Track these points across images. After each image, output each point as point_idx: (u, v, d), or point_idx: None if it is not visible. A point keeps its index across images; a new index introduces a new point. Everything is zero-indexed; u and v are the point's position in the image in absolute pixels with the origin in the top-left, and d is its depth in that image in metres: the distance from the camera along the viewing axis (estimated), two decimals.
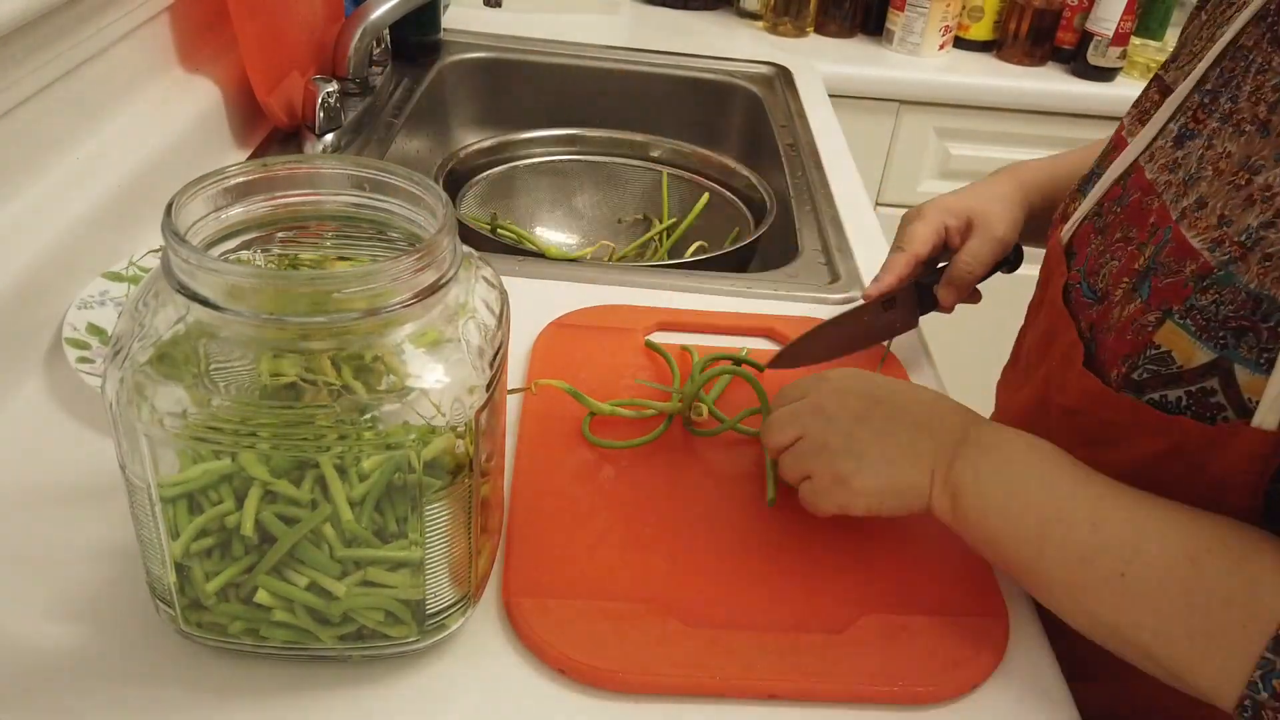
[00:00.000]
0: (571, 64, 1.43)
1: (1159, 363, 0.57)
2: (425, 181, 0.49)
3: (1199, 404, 0.55)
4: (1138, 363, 0.58)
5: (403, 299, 0.44)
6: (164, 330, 0.44)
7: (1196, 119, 0.61)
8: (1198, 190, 0.58)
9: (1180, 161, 0.61)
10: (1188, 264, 0.56)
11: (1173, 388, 0.56)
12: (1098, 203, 0.68)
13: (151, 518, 0.47)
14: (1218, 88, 0.61)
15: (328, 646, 0.50)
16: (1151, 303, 0.58)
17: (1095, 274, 0.65)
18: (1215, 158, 0.58)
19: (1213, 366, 0.54)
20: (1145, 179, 0.63)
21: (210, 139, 0.97)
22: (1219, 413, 0.54)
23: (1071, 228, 0.70)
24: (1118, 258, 0.63)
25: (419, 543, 0.48)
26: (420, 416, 0.45)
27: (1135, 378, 0.58)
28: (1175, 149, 0.62)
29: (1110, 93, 1.65)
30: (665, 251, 1.18)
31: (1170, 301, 0.57)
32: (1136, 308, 0.59)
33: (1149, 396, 0.57)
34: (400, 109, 1.23)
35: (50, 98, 0.75)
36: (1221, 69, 0.61)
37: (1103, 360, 0.61)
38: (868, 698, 0.54)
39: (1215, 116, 0.60)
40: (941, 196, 0.83)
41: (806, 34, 1.70)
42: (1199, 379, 0.55)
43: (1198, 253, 0.56)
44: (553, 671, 0.54)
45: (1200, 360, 0.55)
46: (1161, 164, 0.63)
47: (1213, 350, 0.54)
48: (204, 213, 0.47)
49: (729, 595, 0.59)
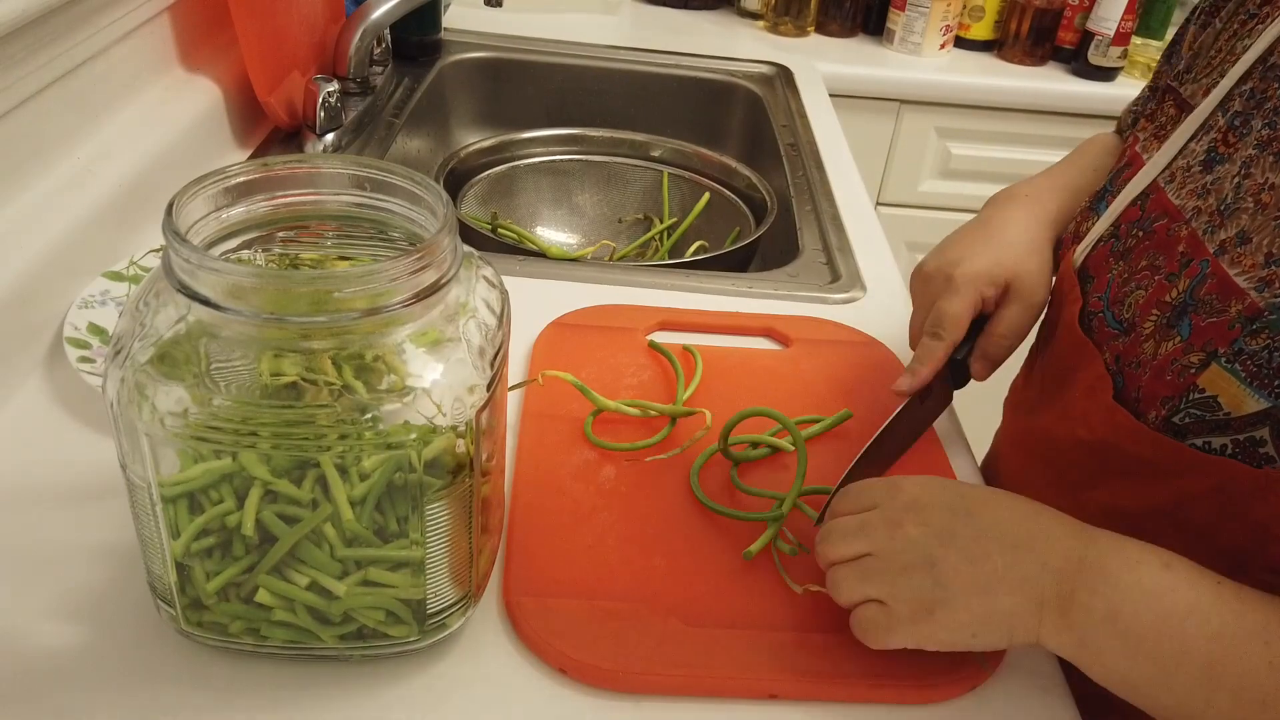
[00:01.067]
0: (572, 64, 1.43)
1: (1203, 408, 0.53)
2: (426, 181, 0.49)
3: (1245, 453, 0.52)
4: (1179, 406, 0.54)
5: (403, 298, 0.44)
6: (165, 330, 0.44)
7: (1227, 142, 0.58)
8: (1238, 223, 0.55)
9: (1210, 188, 0.58)
10: (1233, 304, 0.53)
11: (1218, 435, 0.53)
12: (1114, 224, 0.64)
13: (152, 517, 0.47)
14: (1248, 109, 0.58)
15: (328, 646, 0.50)
16: (1194, 343, 0.55)
17: (1119, 303, 0.61)
18: (1256, 189, 0.55)
19: (1264, 416, 0.51)
20: (1170, 203, 0.60)
21: (210, 139, 0.97)
22: (1266, 463, 0.52)
23: (1086, 250, 0.66)
24: (1144, 286, 0.60)
25: (420, 542, 0.48)
26: (421, 416, 0.45)
27: (1177, 421, 0.55)
28: (1204, 173, 0.59)
29: (1111, 93, 1.65)
30: (666, 251, 1.18)
31: (1215, 343, 0.53)
32: (1175, 347, 0.56)
33: (1191, 442, 0.54)
34: (401, 109, 1.23)
35: (50, 98, 0.75)
36: (1251, 89, 0.58)
37: (1135, 397, 0.58)
38: (868, 698, 0.54)
39: (1250, 143, 0.56)
40: (972, 253, 0.71)
41: (807, 34, 1.70)
42: (1248, 428, 0.52)
43: (1244, 292, 0.53)
44: (553, 671, 0.54)
45: (1251, 408, 0.51)
46: (1189, 189, 0.59)
47: (1265, 399, 0.51)
48: (205, 212, 0.47)
49: (729, 595, 0.59)
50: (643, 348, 0.80)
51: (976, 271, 0.70)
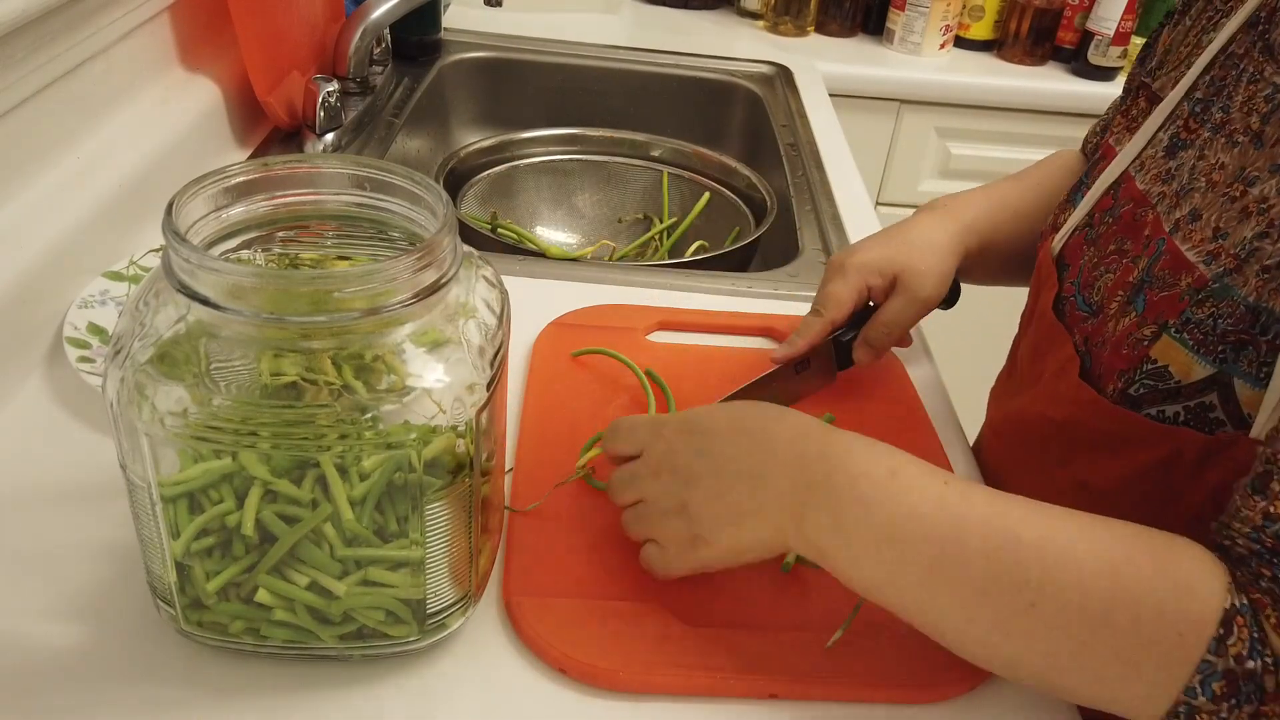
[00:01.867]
0: (571, 64, 1.43)
1: (1156, 378, 0.56)
2: (425, 181, 0.49)
3: (1197, 419, 0.54)
4: (1134, 377, 0.57)
5: (403, 298, 0.44)
6: (164, 330, 0.44)
7: (1188, 128, 0.61)
8: (1191, 202, 0.58)
9: (1173, 172, 0.60)
10: (1183, 277, 0.56)
11: (1170, 403, 0.55)
12: (1089, 213, 0.67)
13: (152, 517, 0.47)
14: (1209, 97, 0.60)
15: (328, 646, 0.50)
16: (1147, 316, 0.57)
17: (1090, 287, 0.64)
18: (1208, 169, 0.58)
19: (1211, 381, 0.53)
20: (1137, 189, 0.63)
21: (210, 139, 0.97)
22: (1217, 427, 0.54)
23: (1062, 238, 0.69)
24: (1112, 270, 0.62)
25: (419, 542, 0.48)
26: (421, 416, 0.45)
27: (1132, 393, 0.57)
28: (1167, 159, 0.62)
29: (1111, 92, 1.62)
30: (665, 251, 1.18)
31: (1166, 315, 0.56)
32: (1131, 321, 0.58)
33: (1146, 411, 0.56)
34: (400, 108, 1.23)
35: (50, 98, 0.75)
36: (1212, 77, 0.61)
37: (1098, 374, 0.60)
38: (868, 698, 0.54)
39: (1207, 127, 0.59)
40: (870, 247, 0.77)
41: (807, 33, 1.70)
42: (1197, 394, 0.54)
43: (1193, 265, 0.55)
44: (553, 671, 0.54)
45: (1199, 375, 0.54)
46: (1154, 174, 0.62)
47: (1211, 365, 0.53)
48: (204, 212, 0.47)
49: (729, 595, 0.59)
50: (643, 348, 0.80)
51: (865, 261, 0.76)
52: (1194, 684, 0.44)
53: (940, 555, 0.48)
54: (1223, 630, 0.44)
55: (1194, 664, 0.44)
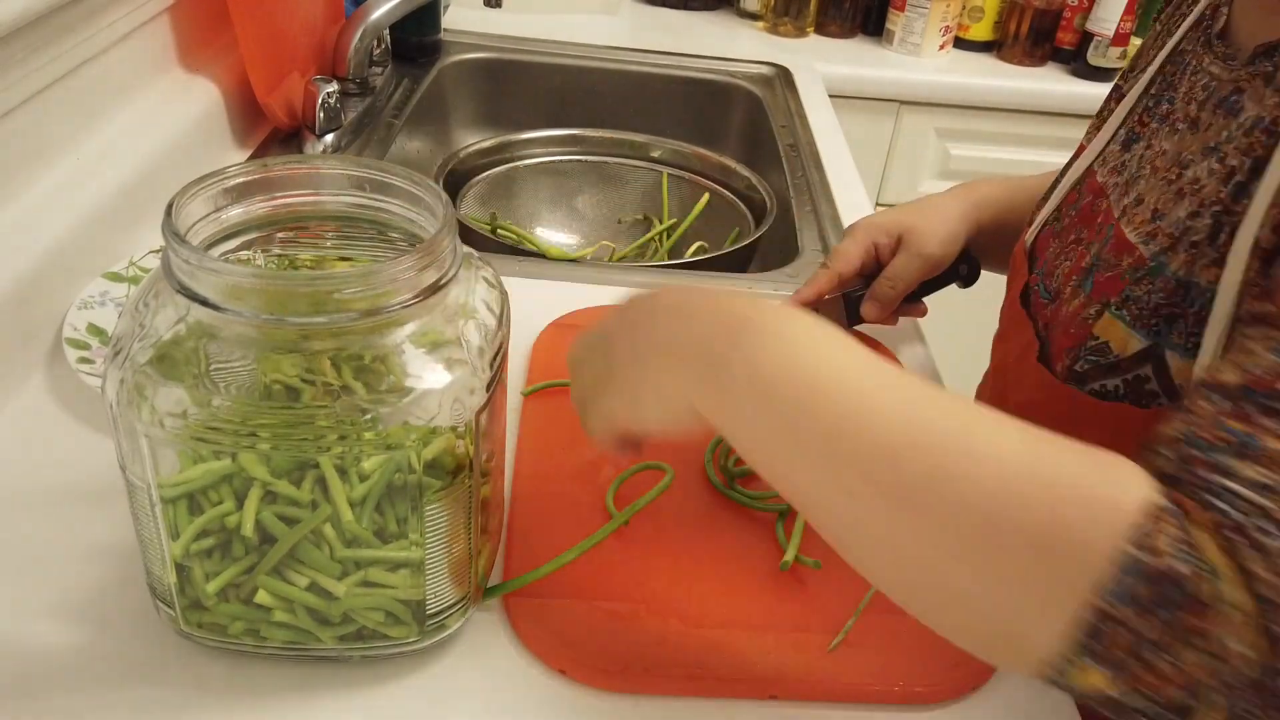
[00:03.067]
0: (571, 64, 1.43)
1: (1098, 353, 0.59)
2: (425, 181, 0.49)
3: (1135, 392, 0.58)
4: (1079, 354, 0.60)
5: (403, 299, 0.44)
6: (164, 330, 0.44)
7: (1141, 122, 0.65)
8: (1136, 189, 0.61)
9: (1126, 164, 0.64)
10: (1124, 258, 0.59)
11: (1111, 377, 0.59)
12: (1056, 207, 0.71)
13: (151, 518, 0.47)
14: (1160, 92, 0.64)
15: (328, 647, 0.50)
16: (1093, 296, 0.61)
17: (1050, 275, 0.68)
18: (1153, 156, 0.61)
19: (1146, 354, 0.57)
20: (1096, 182, 0.67)
21: (210, 139, 0.97)
22: (1153, 399, 0.57)
23: (1034, 232, 0.72)
24: (1070, 258, 0.66)
25: (419, 543, 0.48)
26: (420, 417, 0.45)
27: (1077, 369, 0.61)
28: (1123, 152, 0.65)
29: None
30: (665, 252, 1.18)
31: (1109, 294, 0.60)
32: (1080, 303, 0.62)
33: (1090, 387, 0.60)
34: (400, 109, 1.23)
35: (50, 98, 0.75)
36: (1164, 74, 0.64)
37: (1051, 355, 0.64)
38: (868, 698, 0.54)
39: (1155, 118, 0.63)
40: (883, 211, 0.83)
41: (806, 34, 1.70)
42: (1134, 367, 0.57)
43: (1134, 247, 0.59)
44: (553, 671, 0.54)
45: (1135, 348, 0.57)
46: (1111, 167, 0.66)
47: (1146, 338, 0.57)
48: (204, 213, 0.47)
49: (729, 595, 0.59)
50: None
51: (874, 221, 0.82)
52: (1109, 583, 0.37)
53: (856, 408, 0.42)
54: (1146, 520, 0.37)
55: (1110, 555, 0.37)
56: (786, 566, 0.60)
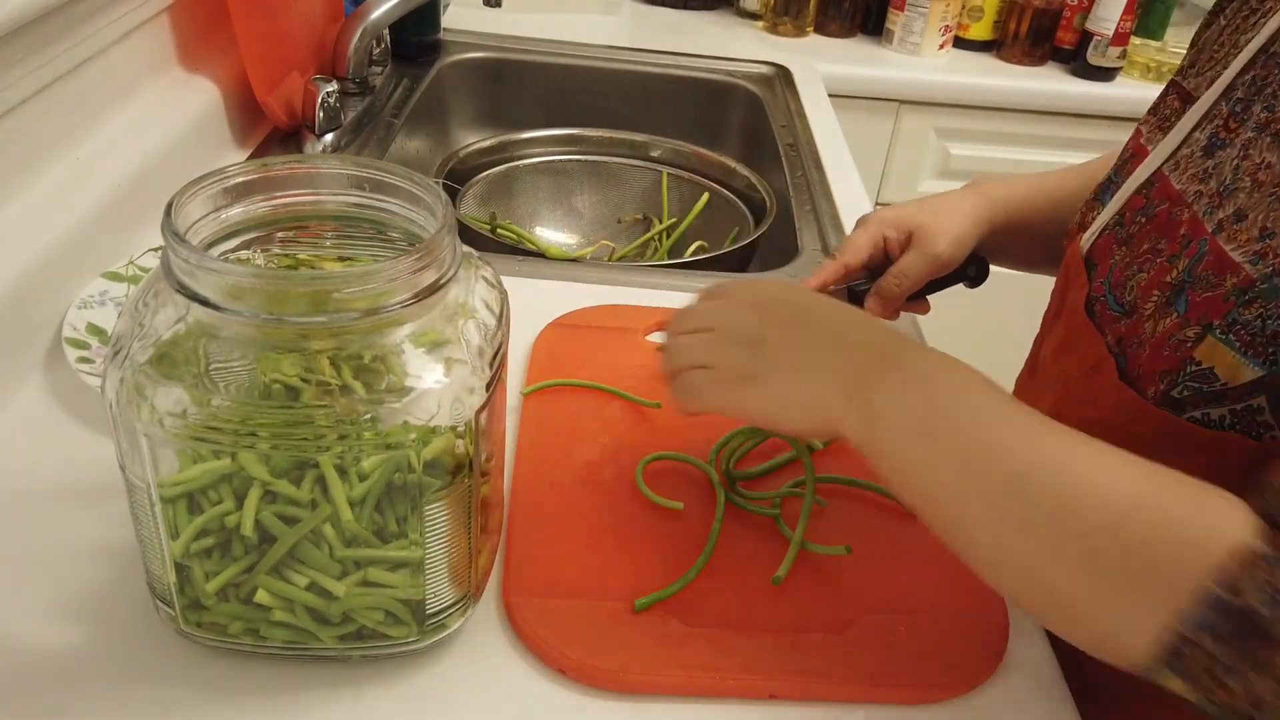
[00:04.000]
0: (571, 64, 1.43)
1: (1201, 380, 0.55)
2: (425, 181, 0.49)
3: (1244, 423, 0.53)
4: (1177, 380, 0.56)
5: (403, 299, 0.44)
6: (164, 330, 0.44)
7: (1228, 128, 0.60)
8: (1235, 202, 0.56)
9: (1211, 171, 0.59)
10: (1228, 278, 0.54)
11: (1216, 406, 0.54)
12: (1118, 213, 0.66)
13: (151, 518, 0.47)
14: (1250, 96, 0.59)
15: (328, 646, 0.50)
16: (1190, 317, 0.56)
17: (1122, 286, 0.63)
18: (1253, 168, 0.56)
19: (1260, 384, 0.52)
20: (1173, 189, 0.62)
21: (210, 139, 0.97)
22: (1265, 431, 0.53)
23: (1091, 238, 0.68)
24: (1146, 270, 0.61)
25: (419, 543, 0.48)
26: (420, 416, 0.45)
27: (1175, 395, 0.56)
28: (1205, 158, 0.60)
29: (1110, 93, 1.65)
30: (665, 251, 1.18)
31: (1210, 316, 0.55)
32: (1172, 323, 0.57)
33: (1190, 415, 0.55)
34: (400, 109, 1.23)
35: (50, 98, 0.75)
36: (1253, 76, 0.59)
37: (1135, 375, 0.59)
38: (868, 698, 0.54)
39: (1249, 126, 0.58)
40: (895, 205, 0.82)
41: (806, 34, 1.70)
42: (1245, 396, 0.53)
43: (1239, 266, 0.54)
44: (553, 671, 0.54)
45: (1246, 377, 0.53)
46: (1190, 174, 0.61)
47: (1260, 367, 0.52)
48: (204, 213, 0.47)
49: (729, 595, 0.59)
50: (643, 348, 0.80)
51: (885, 215, 0.81)
52: (1191, 613, 0.42)
53: (984, 442, 0.48)
54: (1231, 561, 0.42)
55: (1193, 589, 0.42)
56: (778, 582, 0.60)
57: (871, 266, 0.81)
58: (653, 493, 0.65)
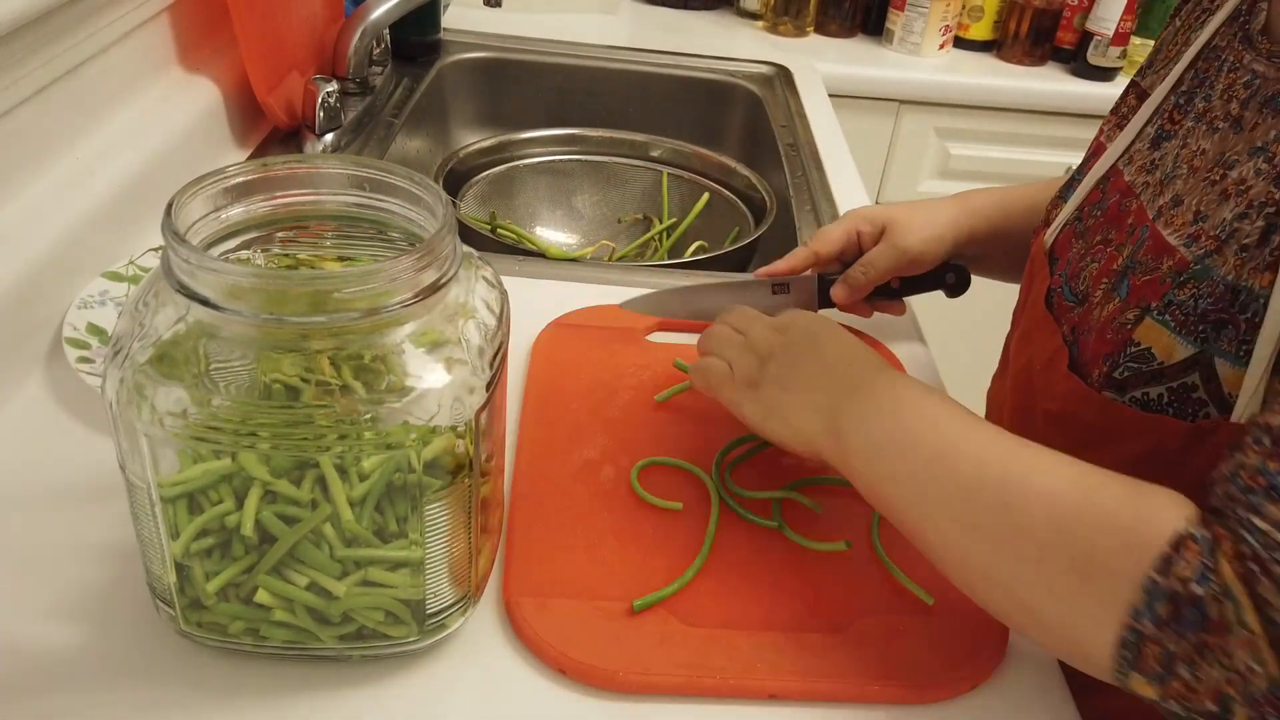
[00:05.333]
0: (571, 64, 1.43)
1: (1140, 360, 0.57)
2: (425, 181, 0.49)
3: (1180, 400, 0.56)
4: (1119, 361, 0.58)
5: (403, 299, 0.44)
6: (164, 330, 0.44)
7: (1172, 120, 0.63)
8: (1173, 189, 0.59)
9: (1157, 162, 0.62)
10: (1165, 260, 0.57)
11: (1154, 385, 0.57)
12: (1078, 208, 0.69)
13: (151, 518, 0.47)
14: (1192, 89, 0.62)
15: (328, 646, 0.50)
16: (1130, 301, 0.59)
17: (1076, 277, 0.65)
18: (1190, 155, 0.59)
19: (1193, 362, 0.55)
20: (1124, 181, 0.64)
21: (210, 139, 0.97)
22: (1200, 409, 0.55)
23: (1054, 233, 0.71)
24: (1097, 260, 0.64)
25: (419, 543, 0.48)
26: (420, 416, 0.45)
27: (1117, 376, 0.58)
28: (1152, 150, 0.63)
29: (1110, 92, 1.63)
30: (665, 251, 1.18)
31: (1148, 298, 0.57)
32: (1115, 307, 0.60)
33: (1131, 395, 0.58)
34: (400, 109, 1.23)
35: (50, 98, 0.75)
36: (1196, 70, 0.62)
37: (1084, 361, 0.62)
38: (867, 698, 0.54)
39: (1190, 116, 0.61)
40: (877, 205, 0.84)
41: (806, 34, 1.70)
42: (1180, 374, 0.55)
43: (1174, 249, 0.56)
44: (552, 671, 0.54)
45: (1181, 355, 0.55)
46: (1139, 165, 0.64)
47: (1193, 345, 0.54)
48: (204, 212, 0.47)
49: (729, 595, 0.59)
50: (643, 348, 0.80)
51: (862, 211, 0.84)
52: (1139, 605, 0.43)
53: (939, 453, 0.52)
54: (1171, 550, 0.43)
55: (1139, 581, 0.43)
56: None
57: (844, 260, 0.82)
58: (651, 494, 0.65)
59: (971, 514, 0.50)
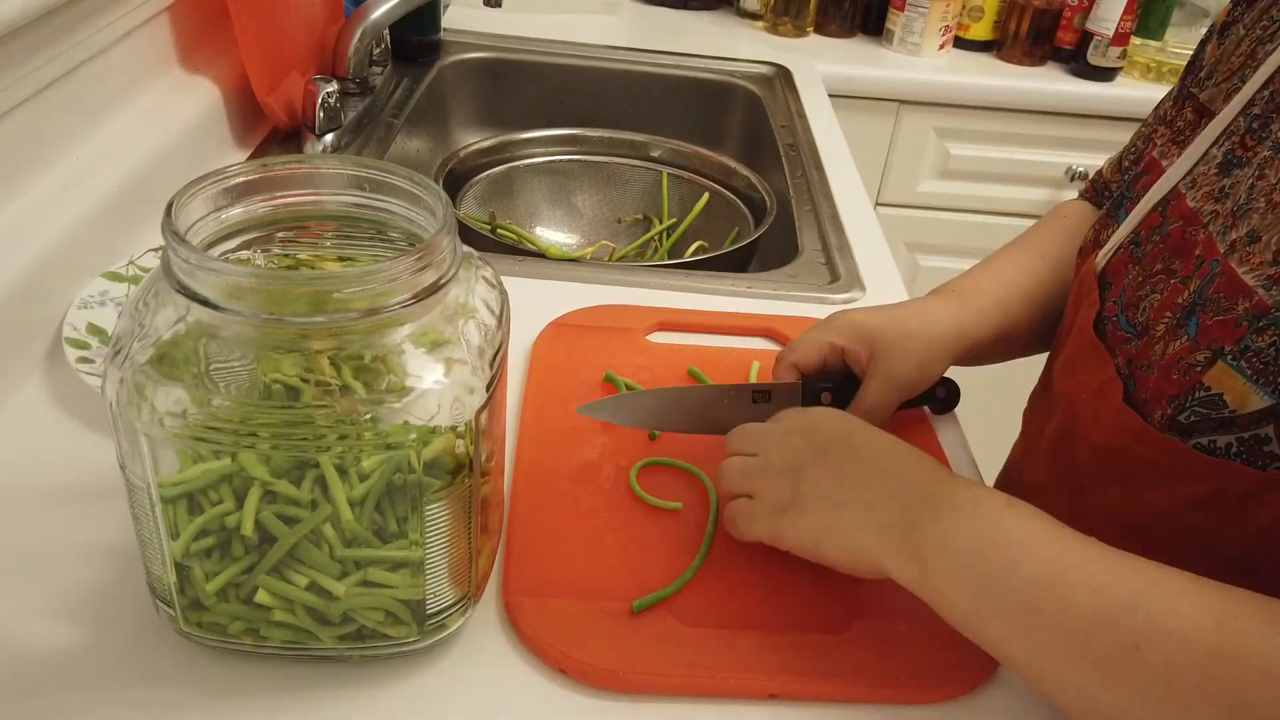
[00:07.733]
0: (571, 64, 1.43)
1: (1209, 405, 0.53)
2: (425, 181, 0.49)
3: (1250, 451, 0.52)
4: (1185, 404, 0.54)
5: (403, 299, 0.44)
6: (164, 330, 0.44)
7: (1245, 145, 0.58)
8: (1249, 223, 0.55)
9: (1228, 191, 0.57)
10: (1240, 301, 0.53)
11: (1223, 433, 0.53)
12: (1134, 231, 0.64)
13: (151, 518, 0.47)
14: (1268, 113, 0.57)
15: (328, 646, 0.50)
16: (1200, 341, 0.54)
17: (1134, 307, 0.61)
18: (1269, 189, 0.55)
19: (1269, 413, 0.51)
20: (1187, 207, 0.60)
21: (210, 139, 0.97)
22: (1271, 462, 0.51)
23: (1106, 255, 0.66)
24: (1159, 290, 0.59)
25: (419, 543, 0.48)
26: (420, 416, 0.45)
27: (1182, 420, 0.54)
28: (1221, 177, 0.59)
29: (1110, 93, 1.65)
30: (665, 251, 1.18)
31: (1221, 341, 0.53)
32: (1183, 345, 0.55)
33: (1196, 441, 0.54)
34: (400, 109, 1.23)
35: (50, 98, 0.75)
36: (1271, 92, 0.58)
37: (1143, 398, 0.58)
38: (867, 698, 0.54)
39: (1267, 145, 0.56)
40: (865, 310, 0.74)
41: (806, 34, 1.70)
42: (1253, 425, 0.51)
43: (1251, 290, 0.52)
44: (553, 671, 0.54)
45: (1255, 405, 0.51)
46: (1205, 192, 0.59)
47: (1270, 396, 0.50)
48: (204, 213, 0.47)
49: (729, 595, 0.59)
50: (643, 348, 0.80)
51: (851, 320, 0.72)
52: None
53: (1047, 581, 0.47)
54: None
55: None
56: None
57: (827, 371, 0.72)
58: (651, 494, 0.65)
59: (1092, 655, 0.45)
